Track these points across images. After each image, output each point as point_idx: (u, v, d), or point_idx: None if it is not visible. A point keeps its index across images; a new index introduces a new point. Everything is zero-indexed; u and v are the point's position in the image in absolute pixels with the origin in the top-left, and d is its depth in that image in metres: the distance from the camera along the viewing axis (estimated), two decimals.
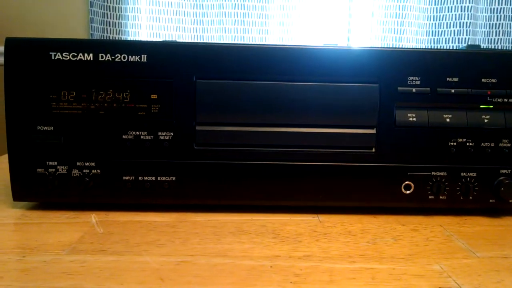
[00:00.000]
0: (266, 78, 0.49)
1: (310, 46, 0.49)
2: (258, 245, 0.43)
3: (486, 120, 0.50)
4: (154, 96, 0.49)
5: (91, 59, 0.48)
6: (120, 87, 0.48)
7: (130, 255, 0.40)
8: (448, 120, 0.50)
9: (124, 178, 0.50)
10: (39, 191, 0.50)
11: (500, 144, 0.51)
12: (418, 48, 0.55)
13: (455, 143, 0.50)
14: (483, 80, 0.50)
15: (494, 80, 0.50)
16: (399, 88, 0.49)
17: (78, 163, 0.49)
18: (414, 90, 0.49)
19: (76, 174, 0.49)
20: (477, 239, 0.46)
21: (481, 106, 0.50)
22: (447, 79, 0.49)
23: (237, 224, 0.48)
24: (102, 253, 0.40)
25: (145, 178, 0.50)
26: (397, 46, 1.76)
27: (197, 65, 0.48)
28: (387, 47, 0.51)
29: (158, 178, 0.50)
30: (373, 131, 0.50)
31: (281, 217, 0.51)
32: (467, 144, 0.50)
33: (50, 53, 0.47)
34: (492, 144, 0.51)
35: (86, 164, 0.49)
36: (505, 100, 0.50)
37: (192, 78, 0.49)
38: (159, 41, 0.51)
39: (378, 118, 0.50)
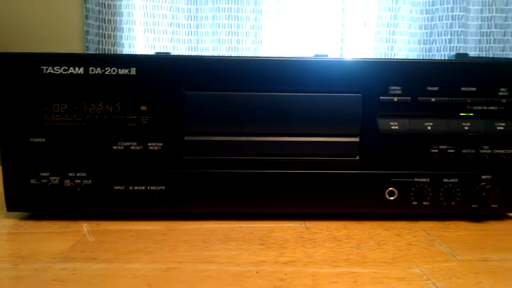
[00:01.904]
0: (252, 89, 0.50)
1: (296, 58, 0.51)
2: (245, 251, 0.44)
3: (466, 127, 0.52)
4: (143, 108, 0.50)
5: (82, 72, 0.49)
6: (111, 99, 0.50)
7: (120, 263, 0.41)
8: (429, 128, 0.51)
9: (115, 188, 0.51)
10: (32, 201, 0.51)
11: (481, 151, 0.52)
12: (399, 59, 0.56)
13: (436, 150, 0.52)
14: (462, 88, 0.51)
15: (473, 89, 0.51)
16: (381, 97, 0.51)
17: (70, 174, 0.51)
18: (395, 99, 0.51)
19: (68, 185, 0.51)
20: (459, 243, 0.47)
21: (461, 114, 0.52)
22: (428, 88, 0.51)
23: (226, 232, 0.49)
24: (92, 261, 0.41)
25: (136, 187, 0.51)
26: (379, 57, 1.78)
27: (185, 77, 0.50)
28: (369, 58, 0.53)
29: (148, 188, 0.51)
30: (357, 139, 0.51)
31: (269, 224, 0.52)
32: (449, 151, 0.52)
33: (42, 67, 0.49)
34: (473, 151, 0.52)
35: (78, 174, 0.51)
36: (485, 107, 0.52)
37: (180, 89, 0.50)
38: (147, 55, 0.52)
39: (361, 126, 0.51)
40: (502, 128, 0.52)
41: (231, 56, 0.50)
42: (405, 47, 1.85)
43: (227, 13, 1.78)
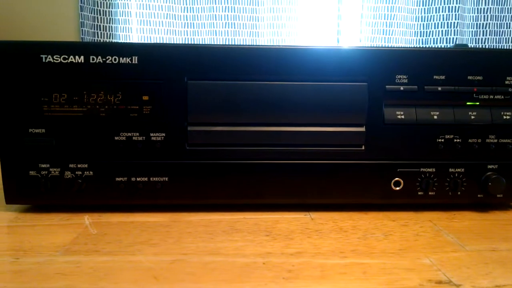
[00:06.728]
0: (256, 78, 0.49)
1: (300, 46, 0.50)
2: (251, 242, 0.44)
3: (472, 117, 0.51)
4: (145, 98, 0.49)
5: (82, 61, 0.48)
6: (112, 89, 0.48)
7: (123, 255, 0.40)
8: (435, 117, 0.51)
9: (117, 179, 0.50)
10: (32, 193, 0.50)
11: (487, 140, 0.52)
12: (405, 47, 0.56)
13: (443, 140, 0.51)
14: (469, 77, 0.51)
15: (479, 78, 0.51)
16: (387, 86, 0.50)
17: (71, 165, 0.49)
18: (402, 88, 0.50)
19: (69, 176, 0.50)
20: (466, 233, 0.47)
21: (468, 103, 0.51)
22: (434, 77, 0.50)
23: (230, 223, 0.49)
24: (95, 254, 0.41)
25: (138, 179, 0.50)
26: (385, 45, 1.78)
27: (188, 66, 0.49)
28: (375, 47, 0.52)
29: (151, 179, 0.50)
30: (363, 129, 0.51)
31: (273, 215, 0.51)
32: (455, 140, 0.51)
33: (41, 55, 0.47)
34: (479, 140, 0.52)
35: (79, 166, 0.50)
36: (491, 96, 0.51)
37: (183, 79, 0.49)
38: (149, 43, 0.51)
39: (367, 116, 0.50)
40: (508, 117, 0.51)
41: (235, 45, 0.49)
42: (402, 38, 1.85)
43: (224, 4, 1.76)
